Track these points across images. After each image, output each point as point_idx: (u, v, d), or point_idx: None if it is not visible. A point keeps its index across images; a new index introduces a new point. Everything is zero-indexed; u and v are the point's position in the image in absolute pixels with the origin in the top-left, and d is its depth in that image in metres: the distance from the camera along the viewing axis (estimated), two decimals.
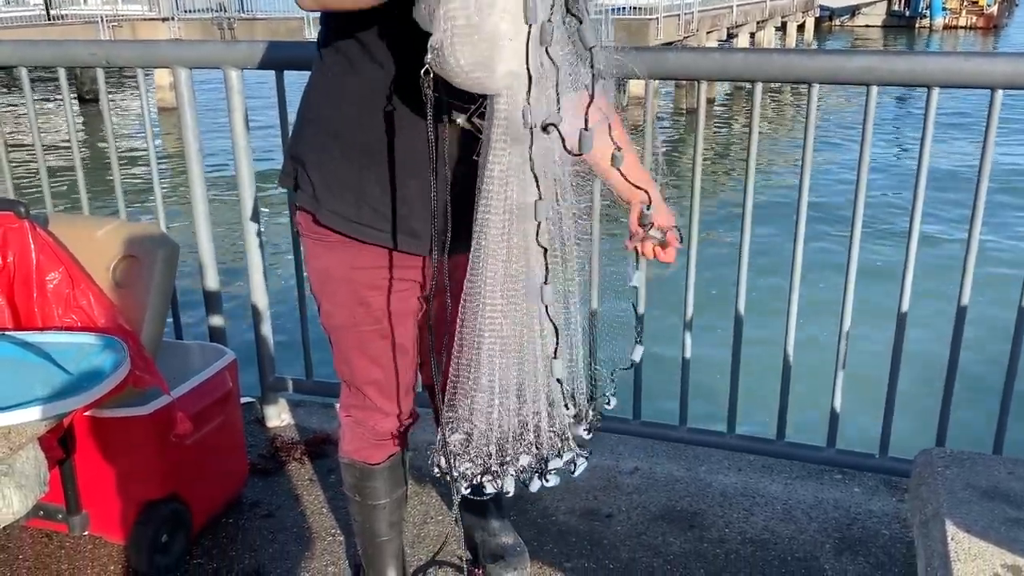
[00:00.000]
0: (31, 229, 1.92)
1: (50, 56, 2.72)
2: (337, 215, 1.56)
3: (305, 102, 1.60)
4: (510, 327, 1.38)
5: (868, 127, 2.14)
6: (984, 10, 41.03)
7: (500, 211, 1.31)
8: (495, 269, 1.34)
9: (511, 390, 1.42)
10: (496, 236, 1.32)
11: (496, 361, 1.39)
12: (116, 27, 18.91)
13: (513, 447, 1.45)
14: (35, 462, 1.64)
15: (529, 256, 1.34)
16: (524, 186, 1.30)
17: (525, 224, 1.31)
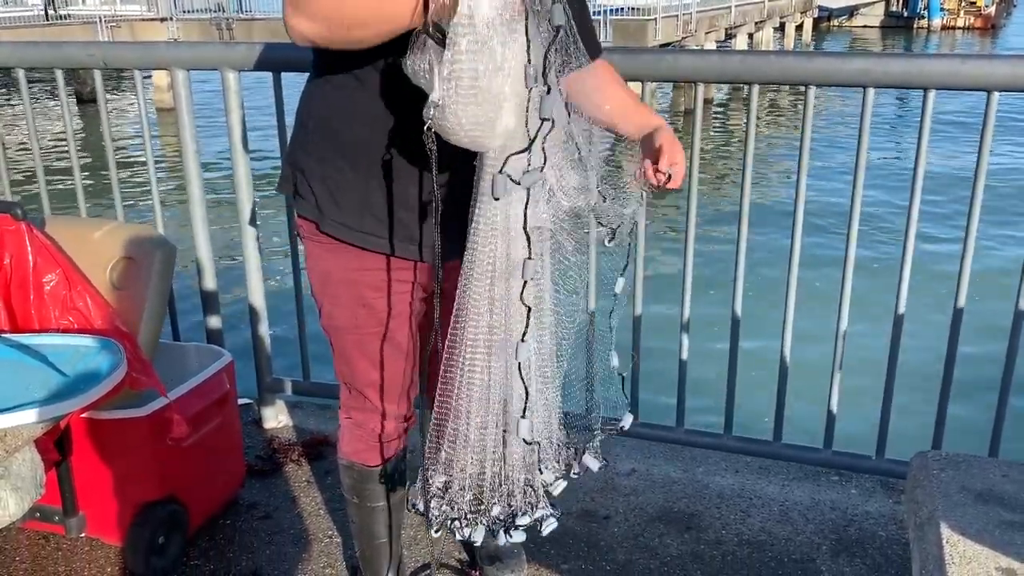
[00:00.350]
0: (28, 231, 1.92)
1: (47, 57, 2.72)
2: (341, 225, 1.56)
3: (307, 110, 1.59)
4: (492, 379, 1.41)
5: (865, 129, 2.14)
6: (982, 11, 41.08)
7: (484, 265, 1.34)
8: (477, 323, 1.36)
9: (491, 442, 1.44)
10: (479, 290, 1.35)
11: (477, 412, 1.42)
12: (115, 27, 18.90)
13: (488, 498, 1.47)
14: (31, 464, 1.64)
15: (510, 311, 1.37)
16: (509, 242, 1.33)
17: (509, 280, 1.34)
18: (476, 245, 1.34)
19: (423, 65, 1.22)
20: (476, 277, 1.35)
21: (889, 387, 2.32)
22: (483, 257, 1.34)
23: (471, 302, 1.37)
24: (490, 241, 1.34)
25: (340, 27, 1.34)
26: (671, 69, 2.25)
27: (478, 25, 1.17)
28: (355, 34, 1.34)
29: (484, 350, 1.39)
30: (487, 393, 1.41)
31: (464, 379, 1.40)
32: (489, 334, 1.38)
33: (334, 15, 1.32)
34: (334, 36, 1.35)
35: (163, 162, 12.03)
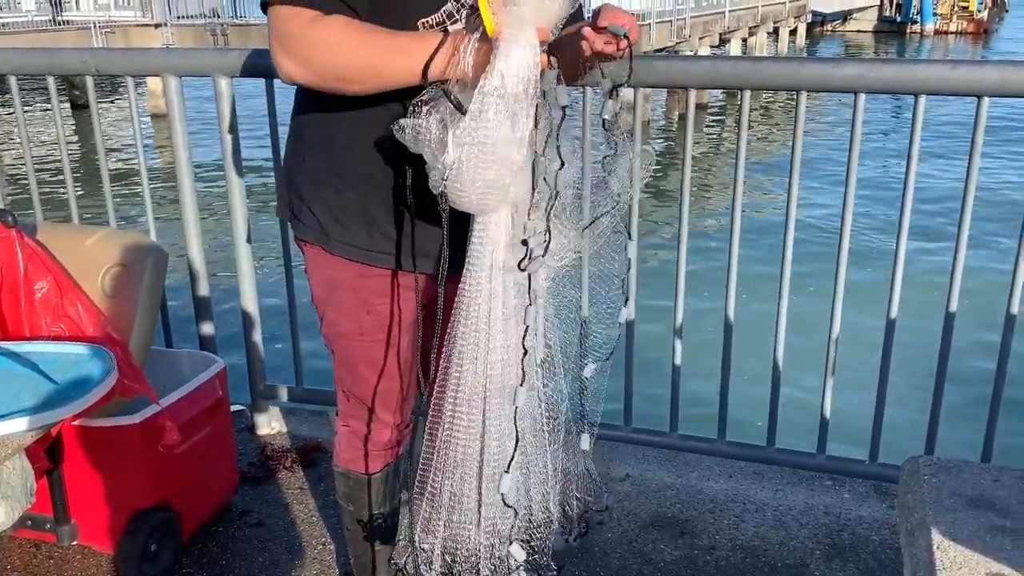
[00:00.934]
0: (19, 238, 1.92)
1: (40, 64, 2.71)
2: (350, 245, 1.56)
3: (298, 132, 1.59)
4: (474, 435, 1.43)
5: (856, 134, 2.15)
6: (974, 16, 41.26)
7: (475, 320, 1.38)
8: (470, 375, 1.40)
9: (471, 504, 1.46)
10: (470, 352, 1.39)
11: (468, 481, 1.44)
12: (109, 33, 18.86)
13: (484, 564, 1.48)
14: (21, 473, 1.63)
15: (507, 359, 1.40)
16: (505, 296, 1.38)
17: (504, 331, 1.39)
18: (468, 301, 1.38)
19: (428, 127, 1.26)
20: (468, 332, 1.39)
21: (882, 392, 2.32)
22: (474, 311, 1.38)
23: (458, 356, 1.40)
24: (481, 295, 1.38)
25: (331, 79, 1.34)
26: (664, 74, 2.25)
27: (508, 96, 1.23)
28: (349, 87, 1.35)
29: (467, 405, 1.42)
30: (468, 452, 1.43)
31: (447, 436, 1.43)
32: (484, 384, 1.41)
33: (326, 66, 1.32)
34: (325, 85, 1.35)
35: (159, 168, 12.01)
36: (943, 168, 12.52)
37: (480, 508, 1.46)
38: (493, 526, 1.47)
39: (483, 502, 1.45)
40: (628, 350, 2.48)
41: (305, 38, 1.31)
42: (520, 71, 1.23)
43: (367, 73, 1.32)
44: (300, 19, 1.32)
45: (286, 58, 1.33)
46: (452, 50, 1.27)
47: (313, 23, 1.32)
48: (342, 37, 1.31)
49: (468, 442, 1.42)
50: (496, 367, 1.40)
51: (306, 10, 1.33)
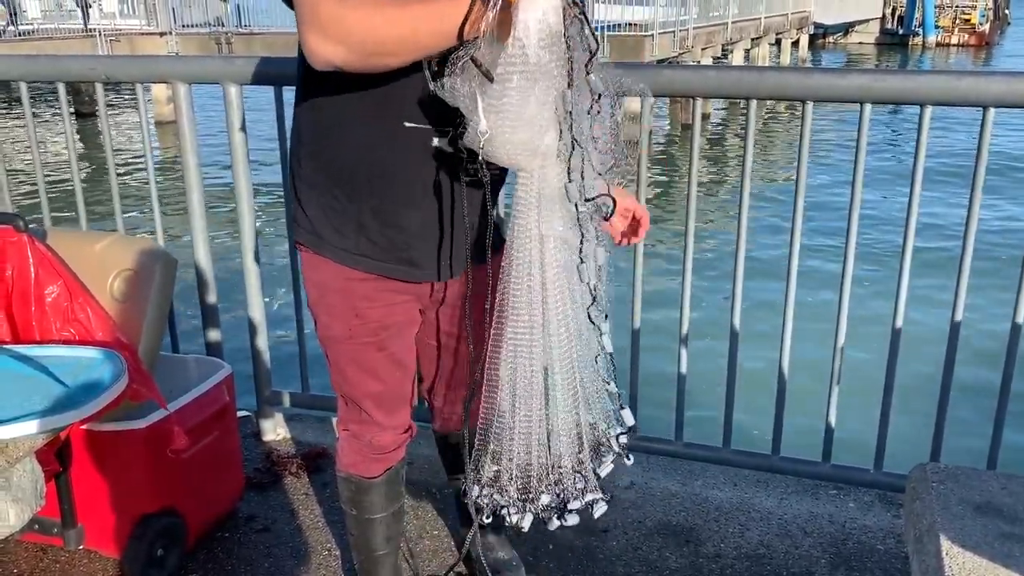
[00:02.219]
0: (30, 243, 1.93)
1: (49, 71, 2.73)
2: (339, 249, 1.57)
3: (296, 138, 1.60)
4: (534, 372, 1.45)
5: (862, 144, 2.16)
6: (976, 28, 41.35)
7: (522, 268, 1.41)
8: (516, 323, 1.43)
9: (541, 432, 1.48)
10: (519, 293, 1.42)
11: (520, 404, 1.46)
12: (114, 41, 18.95)
13: (536, 487, 1.51)
14: (32, 476, 1.64)
15: (548, 311, 1.43)
16: (545, 248, 1.41)
17: (545, 280, 1.42)
18: (513, 252, 1.41)
19: (465, 90, 1.28)
20: (514, 281, 1.41)
21: (887, 400, 2.33)
22: (521, 262, 1.40)
23: (512, 303, 1.42)
24: (527, 247, 1.40)
25: (371, 54, 1.33)
26: (669, 84, 2.26)
27: (530, 64, 1.24)
28: (386, 60, 1.34)
29: (526, 347, 1.44)
30: (530, 385, 1.46)
31: (508, 373, 1.45)
32: (530, 333, 1.43)
33: (366, 41, 1.32)
34: (363, 62, 1.35)
35: (163, 175, 12.03)
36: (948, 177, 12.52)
37: (527, 439, 1.50)
38: (567, 446, 1.51)
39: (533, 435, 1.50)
40: (633, 358, 2.49)
41: (339, 17, 1.31)
42: (540, 35, 1.24)
43: (405, 42, 1.31)
44: (330, 1, 1.32)
45: (322, 41, 1.32)
46: (481, 12, 1.27)
47: (343, 2, 1.32)
48: (376, 11, 1.31)
49: (527, 377, 1.46)
50: (552, 324, 1.43)
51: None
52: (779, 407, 2.42)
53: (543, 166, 1.35)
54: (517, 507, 1.52)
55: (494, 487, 1.52)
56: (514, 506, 1.52)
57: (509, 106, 1.27)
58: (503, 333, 1.44)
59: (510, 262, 1.41)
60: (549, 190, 1.36)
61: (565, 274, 1.41)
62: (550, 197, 1.36)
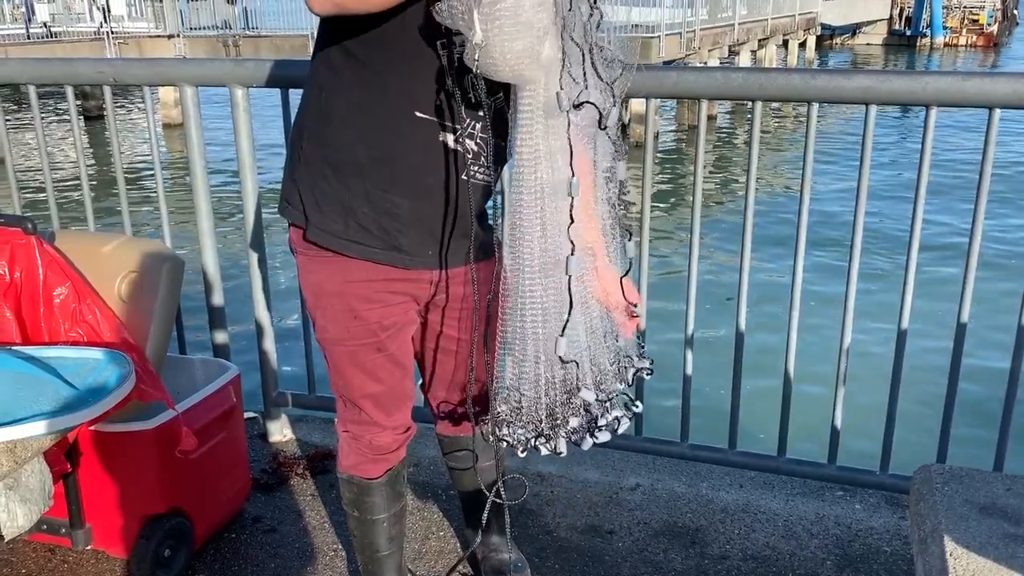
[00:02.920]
0: (38, 245, 1.94)
1: (58, 74, 2.75)
2: (325, 232, 1.58)
3: (297, 121, 1.62)
4: (551, 298, 1.44)
5: (867, 146, 2.16)
6: (984, 29, 41.21)
7: (532, 191, 1.38)
8: (531, 245, 1.41)
9: (555, 358, 1.47)
10: (530, 215, 1.39)
11: (540, 331, 1.45)
12: (122, 44, 19.02)
13: (562, 411, 1.50)
14: (40, 476, 1.65)
15: (560, 229, 1.41)
16: (554, 166, 1.37)
17: (557, 201, 1.39)
18: (522, 171, 1.39)
19: (460, 7, 1.26)
20: (526, 202, 1.40)
21: (893, 401, 2.32)
22: (530, 181, 1.38)
23: (524, 225, 1.41)
24: (535, 164, 1.38)
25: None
26: (675, 86, 2.27)
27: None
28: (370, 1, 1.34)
29: (540, 271, 1.43)
30: (546, 314, 1.45)
31: (524, 302, 1.45)
32: (543, 256, 1.42)
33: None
34: (349, 3, 1.35)
35: (170, 177, 12.07)
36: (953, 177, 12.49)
37: (550, 367, 1.49)
38: (564, 378, 1.51)
39: (552, 361, 1.49)
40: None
41: None
42: None
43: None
44: None
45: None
46: None
47: None
48: None
49: (533, 309, 1.45)
50: (552, 237, 1.42)
51: None
52: (785, 409, 2.42)
53: (546, 81, 1.32)
54: (545, 436, 1.51)
55: (516, 423, 1.51)
56: (542, 436, 1.51)
57: (502, 11, 1.24)
58: (517, 256, 1.43)
59: (520, 184, 1.39)
60: (553, 103, 1.33)
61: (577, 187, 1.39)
62: (555, 110, 1.34)
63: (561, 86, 1.31)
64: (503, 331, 1.48)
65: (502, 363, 1.51)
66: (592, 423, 1.54)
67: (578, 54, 1.32)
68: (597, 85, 1.37)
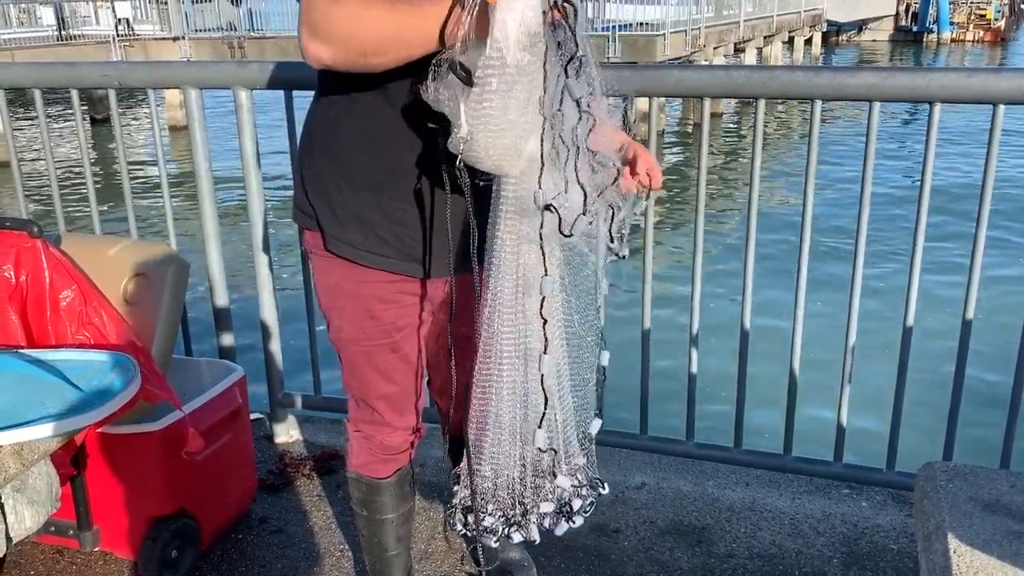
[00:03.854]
0: (44, 248, 1.95)
1: (63, 77, 2.76)
2: (344, 243, 1.58)
3: (308, 132, 1.62)
4: (518, 389, 1.45)
5: (871, 142, 2.16)
6: (991, 24, 41.05)
7: (510, 279, 1.40)
8: (504, 336, 1.42)
9: (526, 443, 1.48)
10: (507, 302, 1.41)
11: (515, 417, 1.46)
12: (127, 46, 19.09)
13: (532, 496, 1.51)
14: (47, 478, 1.66)
15: (531, 324, 1.42)
16: (529, 259, 1.39)
17: (530, 296, 1.40)
18: (501, 262, 1.39)
19: (446, 94, 1.26)
20: (503, 292, 1.41)
21: (899, 399, 2.32)
22: (508, 272, 1.39)
23: (498, 317, 1.42)
24: (513, 256, 1.39)
25: (356, 53, 1.35)
26: (679, 84, 2.27)
27: (509, 66, 1.22)
28: (371, 60, 1.36)
29: (511, 362, 1.44)
30: (517, 402, 1.46)
31: (496, 390, 1.45)
32: (516, 346, 1.43)
33: (351, 40, 1.34)
34: (350, 61, 1.36)
35: (175, 179, 12.11)
36: (959, 174, 12.45)
37: (520, 457, 1.50)
38: (535, 466, 1.51)
39: (522, 452, 1.50)
40: (644, 359, 2.49)
41: (328, 15, 1.33)
42: (519, 37, 1.22)
43: (389, 42, 1.33)
44: (323, 2, 1.34)
45: (312, 40, 1.35)
46: (459, 15, 1.27)
47: (335, 2, 1.33)
48: (363, 10, 1.32)
49: (503, 400, 1.45)
50: (523, 331, 1.43)
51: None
52: (790, 407, 2.42)
53: (523, 177, 1.33)
54: (516, 523, 1.52)
55: (484, 511, 1.52)
56: (513, 524, 1.52)
57: (490, 110, 1.24)
58: (490, 342, 1.44)
59: (493, 268, 1.40)
60: (528, 200, 1.34)
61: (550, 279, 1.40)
62: (530, 208, 1.34)
63: (540, 184, 1.31)
64: (474, 416, 1.49)
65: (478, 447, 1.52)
66: (566, 506, 1.54)
67: (564, 154, 1.31)
68: (578, 187, 1.36)
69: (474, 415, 1.49)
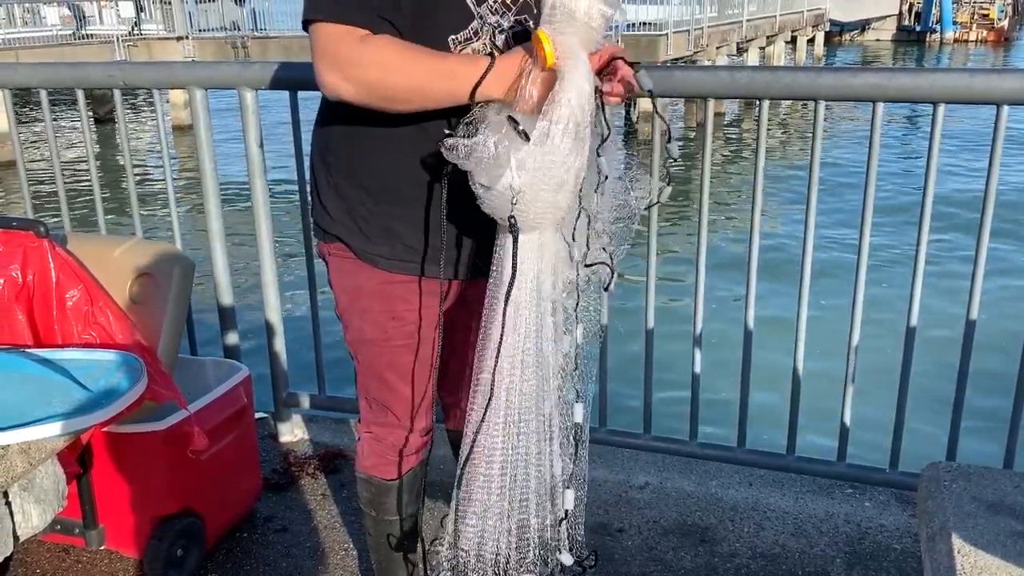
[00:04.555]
0: (50, 248, 1.96)
1: (68, 78, 2.77)
2: (374, 255, 1.59)
3: (322, 145, 1.61)
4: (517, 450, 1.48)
5: (874, 143, 2.16)
6: (994, 24, 40.98)
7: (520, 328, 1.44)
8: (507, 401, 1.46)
9: (513, 515, 1.51)
10: (507, 370, 1.45)
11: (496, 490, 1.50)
12: (132, 47, 19.12)
13: (516, 568, 1.54)
14: (54, 477, 1.67)
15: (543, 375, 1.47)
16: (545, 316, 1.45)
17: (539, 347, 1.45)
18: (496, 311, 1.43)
19: (485, 146, 1.30)
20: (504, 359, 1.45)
21: (902, 399, 2.32)
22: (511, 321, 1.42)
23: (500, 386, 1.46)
24: (522, 308, 1.43)
25: (379, 98, 1.36)
26: (681, 85, 2.27)
27: (573, 123, 1.29)
28: (395, 106, 1.37)
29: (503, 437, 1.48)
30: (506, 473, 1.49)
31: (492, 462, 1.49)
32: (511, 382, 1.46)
33: (377, 86, 1.34)
34: (371, 103, 1.37)
35: (179, 179, 12.12)
36: (963, 173, 12.44)
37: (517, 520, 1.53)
38: (538, 535, 1.56)
39: (519, 516, 1.53)
40: (647, 359, 2.49)
41: (355, 58, 1.33)
42: (583, 98, 1.29)
43: (416, 94, 1.35)
44: (350, 39, 1.33)
45: (335, 76, 1.34)
46: (500, 75, 1.33)
47: (363, 43, 1.33)
48: (393, 59, 1.33)
49: (510, 459, 1.48)
50: (534, 385, 1.46)
51: (356, 29, 1.34)
52: (794, 407, 2.42)
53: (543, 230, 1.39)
54: None
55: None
56: None
57: (550, 164, 1.29)
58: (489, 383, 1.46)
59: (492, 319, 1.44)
60: (548, 254, 1.40)
61: (552, 336, 1.45)
62: (548, 260, 1.40)
63: (575, 238, 1.40)
64: (466, 489, 1.50)
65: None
66: None
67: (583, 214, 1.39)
68: None
69: (468, 485, 1.51)
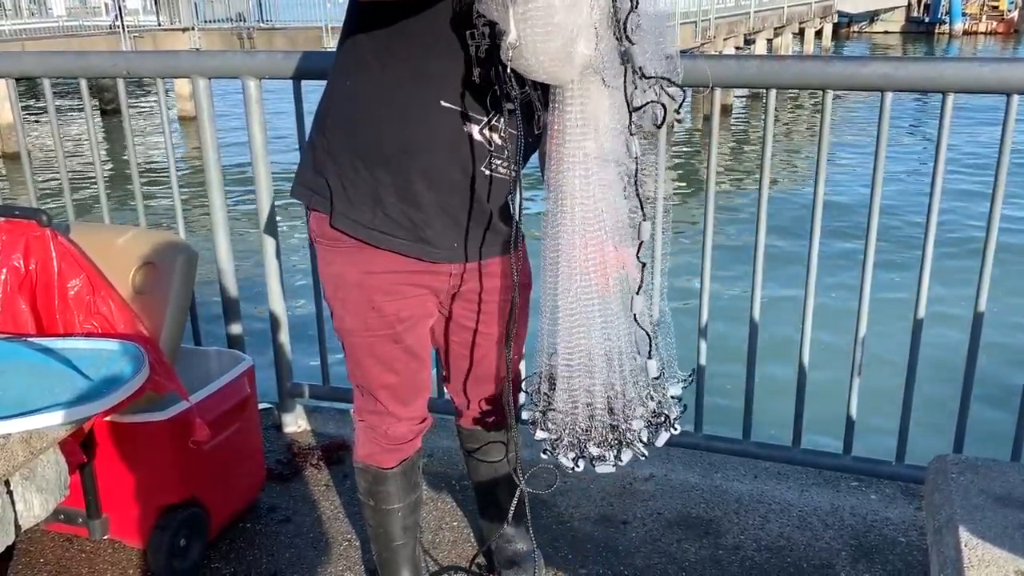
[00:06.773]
0: (53, 237, 1.95)
1: (72, 67, 2.76)
2: (353, 220, 1.58)
3: (324, 108, 1.62)
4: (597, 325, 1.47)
5: (883, 133, 2.14)
6: (1004, 15, 40.74)
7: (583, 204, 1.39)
8: (577, 245, 1.41)
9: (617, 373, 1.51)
10: (575, 243, 1.41)
11: (598, 349, 1.48)
12: (137, 37, 19.13)
13: (624, 414, 1.52)
14: (56, 467, 1.66)
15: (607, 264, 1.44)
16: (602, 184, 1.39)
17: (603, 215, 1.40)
18: (563, 176, 1.38)
19: (495, 3, 1.27)
20: (562, 210, 1.40)
21: (909, 392, 2.31)
22: (568, 185, 1.38)
23: (561, 233, 1.42)
24: (574, 170, 1.38)
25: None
26: (688, 74, 2.24)
27: None
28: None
29: (580, 273, 1.44)
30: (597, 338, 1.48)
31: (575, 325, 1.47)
32: (584, 252, 1.42)
33: None
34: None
35: (184, 169, 12.13)
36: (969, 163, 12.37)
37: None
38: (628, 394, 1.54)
39: None
40: (652, 350, 2.48)
41: None
42: None
43: None
44: None
45: None
46: None
47: None
48: None
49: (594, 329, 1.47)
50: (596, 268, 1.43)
51: None
52: (799, 399, 2.41)
53: (582, 81, 1.32)
54: (610, 444, 1.51)
55: (587, 438, 1.51)
56: (608, 445, 1.51)
57: (537, 12, 1.25)
58: (555, 260, 1.43)
59: (558, 187, 1.39)
60: (592, 106, 1.34)
61: (612, 193, 1.40)
62: (593, 114, 1.34)
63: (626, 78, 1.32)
64: (568, 357, 1.48)
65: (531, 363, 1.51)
66: (658, 417, 1.55)
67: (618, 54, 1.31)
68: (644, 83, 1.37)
69: (562, 358, 1.48)
